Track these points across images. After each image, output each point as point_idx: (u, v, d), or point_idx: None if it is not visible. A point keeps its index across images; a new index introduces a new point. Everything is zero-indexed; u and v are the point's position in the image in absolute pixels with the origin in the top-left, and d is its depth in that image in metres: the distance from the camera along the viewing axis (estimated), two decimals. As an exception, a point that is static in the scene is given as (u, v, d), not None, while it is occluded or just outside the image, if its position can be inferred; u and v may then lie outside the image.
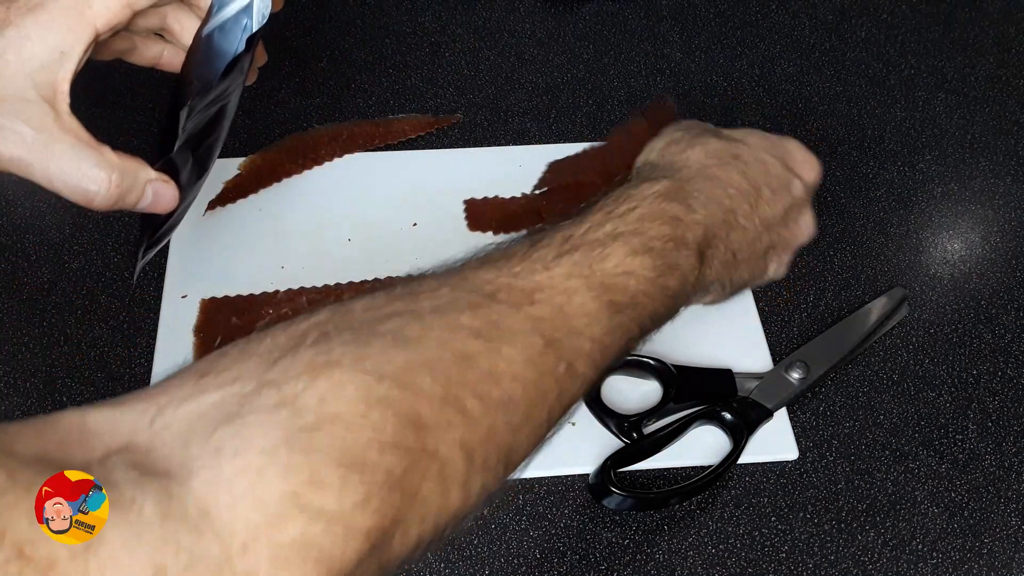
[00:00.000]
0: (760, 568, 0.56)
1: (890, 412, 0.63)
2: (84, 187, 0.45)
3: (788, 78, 0.83)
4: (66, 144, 0.44)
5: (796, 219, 0.56)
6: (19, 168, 0.44)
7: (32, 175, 0.44)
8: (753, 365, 0.64)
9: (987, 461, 0.61)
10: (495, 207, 0.71)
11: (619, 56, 0.84)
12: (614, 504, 0.57)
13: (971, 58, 0.86)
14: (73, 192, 0.45)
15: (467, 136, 0.77)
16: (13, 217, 0.70)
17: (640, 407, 0.61)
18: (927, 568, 0.56)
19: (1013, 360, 0.66)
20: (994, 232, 0.73)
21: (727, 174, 0.51)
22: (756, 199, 0.52)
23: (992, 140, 0.79)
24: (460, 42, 0.84)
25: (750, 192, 0.51)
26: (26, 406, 0.60)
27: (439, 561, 0.55)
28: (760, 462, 0.60)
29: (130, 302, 0.66)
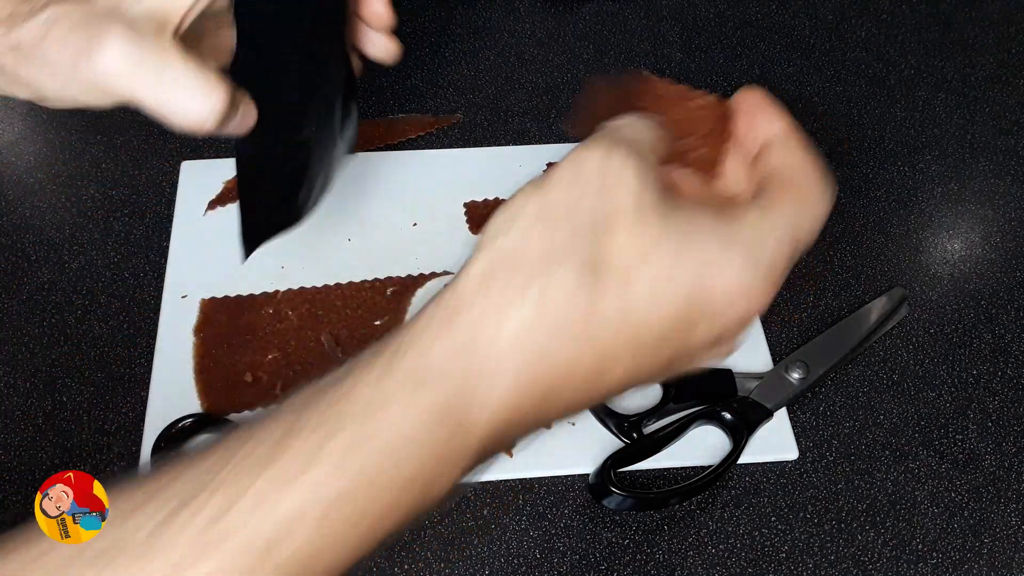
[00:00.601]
0: (760, 568, 0.56)
1: (890, 412, 0.63)
2: (198, 108, 0.41)
3: (788, 78, 0.83)
4: (178, 63, 0.41)
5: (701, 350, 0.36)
6: (127, 86, 0.41)
7: (140, 95, 0.41)
8: (753, 365, 0.64)
9: (987, 461, 0.61)
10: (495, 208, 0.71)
11: (619, 56, 0.84)
12: (614, 504, 0.57)
13: (971, 58, 0.86)
14: (185, 114, 0.42)
15: (467, 136, 0.77)
16: (13, 217, 0.70)
17: (640, 407, 0.61)
18: (927, 568, 0.56)
19: (1013, 360, 0.66)
20: (994, 232, 0.73)
21: (562, 353, 0.32)
22: (604, 374, 0.33)
23: (992, 140, 0.79)
24: (460, 42, 0.84)
25: (594, 373, 0.33)
26: (26, 406, 0.60)
27: (439, 561, 0.55)
28: (760, 462, 0.60)
29: (130, 302, 0.66)
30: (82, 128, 0.76)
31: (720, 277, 0.33)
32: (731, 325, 0.34)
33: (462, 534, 0.56)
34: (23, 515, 0.55)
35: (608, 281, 0.32)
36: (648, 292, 0.32)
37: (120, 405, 0.61)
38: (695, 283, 0.33)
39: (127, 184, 0.72)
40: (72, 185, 0.72)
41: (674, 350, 0.34)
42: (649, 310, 0.32)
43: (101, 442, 0.59)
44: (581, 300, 0.32)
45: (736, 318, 0.34)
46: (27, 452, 0.58)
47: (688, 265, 0.32)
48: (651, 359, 0.33)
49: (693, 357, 0.35)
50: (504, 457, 0.59)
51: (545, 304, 0.32)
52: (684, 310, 0.33)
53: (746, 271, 0.33)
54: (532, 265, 0.32)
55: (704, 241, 0.33)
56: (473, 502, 0.58)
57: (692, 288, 0.33)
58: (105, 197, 0.71)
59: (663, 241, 0.32)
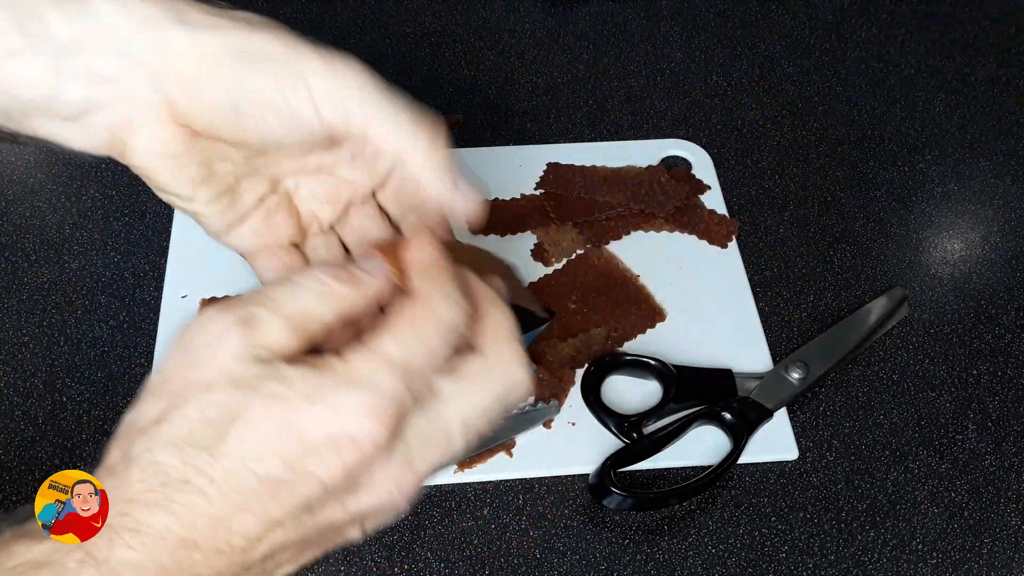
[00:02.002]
0: (760, 568, 0.56)
1: (890, 412, 0.63)
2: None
3: (788, 78, 0.83)
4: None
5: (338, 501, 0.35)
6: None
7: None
8: (753, 365, 0.64)
9: (987, 461, 0.61)
10: (495, 209, 0.71)
11: (619, 56, 0.84)
12: (614, 504, 0.57)
13: (971, 58, 0.86)
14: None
15: (467, 136, 0.77)
16: (13, 217, 0.70)
17: (640, 407, 0.61)
18: (927, 568, 0.56)
19: (1013, 360, 0.66)
20: (994, 232, 0.73)
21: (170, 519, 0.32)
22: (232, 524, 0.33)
23: (992, 140, 0.79)
24: (460, 42, 0.84)
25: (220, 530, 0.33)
26: (26, 406, 0.60)
27: (439, 561, 0.55)
28: (760, 462, 0.60)
29: (130, 302, 0.66)
30: (82, 128, 0.76)
31: (310, 424, 0.33)
32: (349, 470, 0.33)
33: (462, 534, 0.56)
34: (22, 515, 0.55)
35: (201, 442, 0.33)
36: (239, 446, 0.33)
37: (120, 405, 0.61)
38: (283, 432, 0.33)
39: (127, 184, 0.72)
40: (72, 185, 0.72)
41: (297, 498, 0.33)
42: (244, 459, 0.32)
43: (101, 442, 0.59)
44: (175, 464, 0.33)
45: (351, 461, 0.33)
46: (27, 452, 0.58)
47: (273, 421, 0.33)
48: (270, 504, 0.33)
49: (334, 504, 0.34)
50: (504, 457, 0.59)
51: (144, 473, 0.33)
52: (279, 455, 0.33)
53: (336, 413, 0.33)
54: (131, 435, 0.35)
55: (293, 396, 0.33)
56: (473, 502, 0.58)
57: (281, 438, 0.33)
58: (105, 197, 0.71)
59: (251, 403, 0.33)
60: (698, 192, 0.73)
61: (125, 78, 0.37)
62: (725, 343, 0.65)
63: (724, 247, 0.70)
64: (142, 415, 0.35)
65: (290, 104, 0.37)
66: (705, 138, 0.78)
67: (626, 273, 0.68)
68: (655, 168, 0.74)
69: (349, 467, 0.33)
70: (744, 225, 0.72)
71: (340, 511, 0.34)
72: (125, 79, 0.37)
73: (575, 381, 0.62)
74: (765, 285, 0.69)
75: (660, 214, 0.71)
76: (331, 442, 0.33)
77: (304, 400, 0.33)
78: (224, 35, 0.37)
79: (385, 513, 0.36)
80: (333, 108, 0.38)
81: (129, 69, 0.37)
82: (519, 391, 0.37)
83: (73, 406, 0.61)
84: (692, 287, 0.67)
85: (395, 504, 0.35)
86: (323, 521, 0.34)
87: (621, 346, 0.64)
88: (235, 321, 0.34)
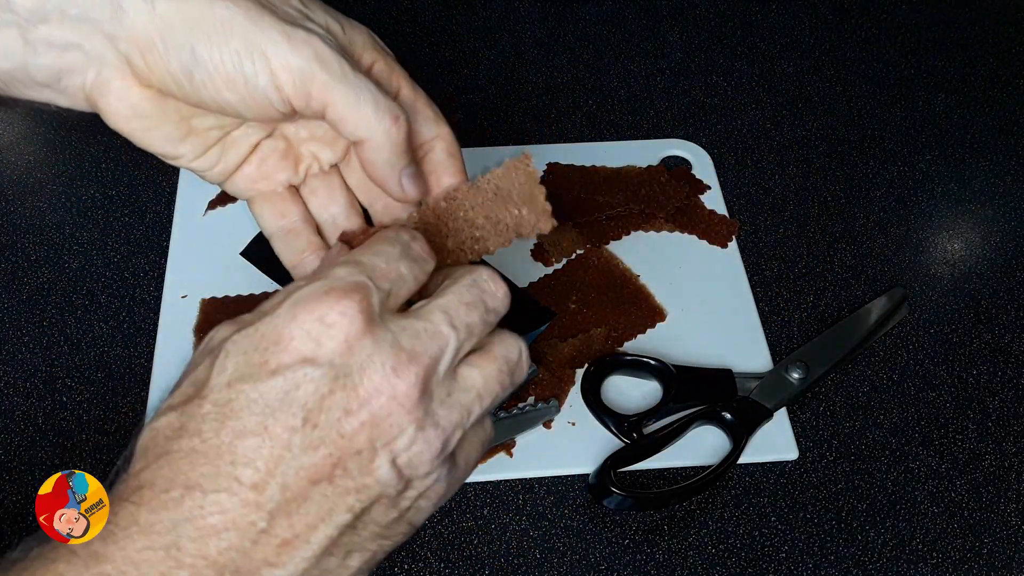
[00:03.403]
0: (760, 568, 0.56)
1: (890, 412, 0.63)
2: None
3: (788, 78, 0.83)
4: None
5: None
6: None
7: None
8: (753, 365, 0.64)
9: (987, 461, 0.61)
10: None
11: (619, 56, 0.84)
12: (614, 504, 0.57)
13: (971, 58, 0.86)
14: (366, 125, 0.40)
15: (467, 136, 0.77)
16: (13, 217, 0.70)
17: (640, 407, 0.61)
18: (927, 568, 0.56)
19: (1013, 360, 0.66)
20: (994, 232, 0.73)
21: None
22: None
23: (992, 140, 0.79)
24: (460, 42, 0.84)
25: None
26: (26, 406, 0.60)
27: (439, 561, 0.55)
28: (760, 462, 0.60)
29: (130, 302, 0.66)
30: (82, 128, 0.76)
31: (276, 325, 0.33)
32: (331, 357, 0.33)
33: (462, 534, 0.56)
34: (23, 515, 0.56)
35: (191, 396, 0.34)
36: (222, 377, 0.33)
37: (120, 405, 0.61)
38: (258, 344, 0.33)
39: (127, 184, 0.72)
40: (72, 185, 0.72)
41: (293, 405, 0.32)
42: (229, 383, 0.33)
43: (101, 442, 0.59)
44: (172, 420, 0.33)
45: (328, 343, 0.33)
46: (27, 452, 0.58)
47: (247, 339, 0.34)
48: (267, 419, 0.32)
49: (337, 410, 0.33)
50: (504, 457, 0.59)
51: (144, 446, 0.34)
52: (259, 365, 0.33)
53: (297, 305, 0.34)
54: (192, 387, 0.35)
55: (256, 317, 0.34)
56: (473, 502, 0.58)
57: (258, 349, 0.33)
58: (105, 197, 0.71)
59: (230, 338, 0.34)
60: (698, 192, 0.73)
61: (88, 43, 0.37)
62: (725, 343, 0.65)
63: (724, 247, 0.70)
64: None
65: (247, 78, 0.37)
66: (705, 138, 0.78)
67: (626, 273, 0.68)
68: (655, 168, 0.74)
69: (332, 352, 0.33)
70: (744, 225, 0.72)
71: (348, 420, 0.33)
72: (88, 44, 0.38)
73: (575, 381, 0.62)
74: (765, 285, 0.69)
75: (660, 214, 0.71)
76: (305, 333, 0.33)
77: (270, 310, 0.34)
78: (182, 4, 0.37)
79: (403, 423, 0.33)
80: (292, 86, 0.37)
81: (90, 35, 0.37)
82: (486, 281, 0.38)
83: (73, 406, 0.61)
84: (692, 287, 0.67)
85: (399, 396, 0.33)
86: (334, 436, 0.32)
87: (621, 346, 0.64)
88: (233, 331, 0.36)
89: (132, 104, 0.39)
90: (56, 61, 0.38)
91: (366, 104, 0.38)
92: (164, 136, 0.40)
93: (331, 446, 0.32)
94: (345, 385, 0.33)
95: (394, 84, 0.42)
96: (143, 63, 0.37)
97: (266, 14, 0.37)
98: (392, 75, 0.42)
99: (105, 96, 0.39)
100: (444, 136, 0.44)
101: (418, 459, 0.34)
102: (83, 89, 0.39)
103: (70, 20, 0.37)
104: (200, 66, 0.37)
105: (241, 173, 0.43)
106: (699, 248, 0.70)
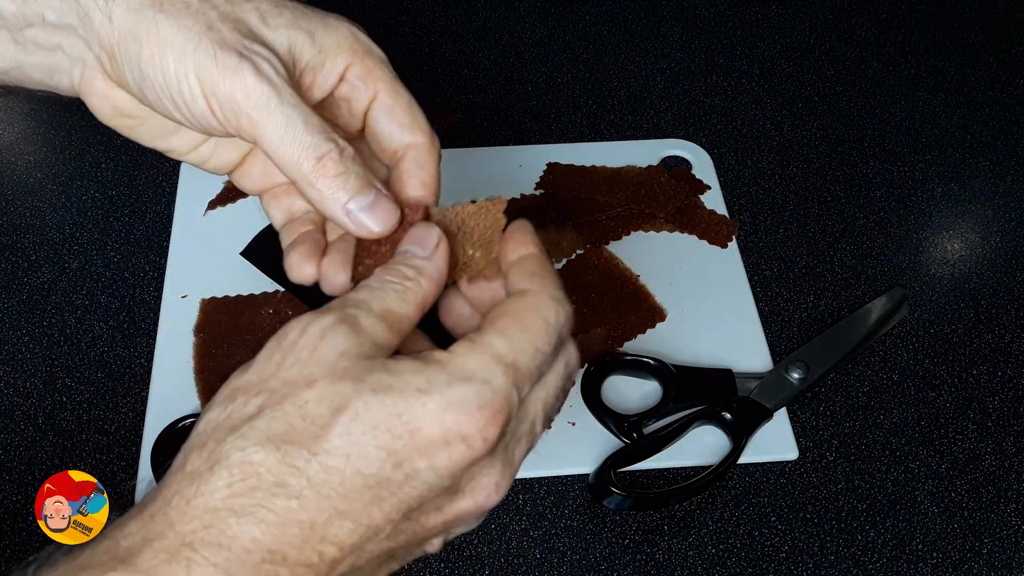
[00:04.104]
0: (760, 568, 0.56)
1: (890, 412, 0.63)
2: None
3: (788, 78, 0.83)
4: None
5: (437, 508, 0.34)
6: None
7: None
8: (753, 365, 0.64)
9: (987, 461, 0.61)
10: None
11: (619, 56, 0.84)
12: (614, 504, 0.57)
13: (971, 58, 0.86)
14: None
15: (467, 136, 0.77)
16: (13, 217, 0.70)
17: (640, 407, 0.61)
18: (927, 568, 0.56)
19: (1013, 360, 0.66)
20: (994, 232, 0.73)
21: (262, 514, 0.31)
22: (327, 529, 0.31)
23: (992, 140, 0.79)
24: (460, 42, 0.84)
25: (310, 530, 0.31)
26: (26, 406, 0.60)
27: (439, 561, 0.55)
28: (760, 462, 0.60)
29: (130, 302, 0.66)
30: (82, 128, 0.76)
31: (422, 418, 0.31)
32: (456, 470, 0.32)
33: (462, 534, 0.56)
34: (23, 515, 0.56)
35: (300, 439, 0.31)
36: (343, 441, 0.31)
37: (120, 405, 0.61)
38: (393, 425, 0.31)
39: (127, 184, 0.72)
40: (72, 185, 0.72)
41: (400, 501, 0.31)
42: (348, 455, 0.31)
43: (101, 442, 0.59)
44: (271, 463, 0.30)
45: (460, 460, 0.32)
46: (27, 452, 0.58)
47: (382, 411, 0.31)
48: (373, 508, 0.31)
49: (433, 510, 0.33)
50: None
51: (232, 476, 0.30)
52: (387, 451, 0.31)
53: (449, 408, 0.31)
54: (220, 435, 0.31)
55: (403, 387, 0.32)
56: (473, 502, 0.58)
57: (391, 432, 0.31)
58: (105, 197, 0.71)
59: (359, 392, 0.31)
60: (698, 192, 0.73)
61: (67, 45, 0.38)
62: (725, 343, 0.65)
63: (724, 247, 0.70)
64: (233, 414, 0.32)
65: (186, 100, 0.37)
66: (705, 138, 0.78)
67: (626, 273, 0.68)
68: (655, 168, 0.74)
69: (458, 467, 0.32)
70: (744, 225, 0.72)
71: (436, 517, 0.33)
72: (68, 46, 0.38)
73: (575, 381, 0.62)
74: (765, 285, 0.69)
75: (660, 214, 0.71)
76: (443, 439, 0.31)
77: (416, 391, 0.31)
78: (135, 16, 0.36)
79: (474, 520, 0.34)
80: (222, 113, 0.37)
81: (68, 37, 0.38)
82: (575, 366, 0.37)
83: (73, 406, 0.61)
84: (692, 287, 0.67)
85: (489, 505, 0.33)
86: (417, 528, 0.33)
87: (621, 346, 0.64)
88: (337, 320, 0.33)
89: (114, 104, 0.39)
90: (46, 60, 0.39)
91: (289, 139, 0.36)
92: (151, 132, 0.41)
93: (410, 535, 0.33)
94: (451, 492, 0.33)
95: (369, 88, 0.40)
96: (111, 68, 0.38)
97: (207, 37, 0.36)
98: (368, 78, 0.40)
99: (90, 96, 0.39)
100: (417, 145, 0.42)
101: (465, 530, 0.35)
102: (72, 86, 0.40)
103: (50, 24, 0.38)
104: (147, 82, 0.37)
105: (246, 171, 0.43)
106: (699, 248, 0.70)
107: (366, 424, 0.31)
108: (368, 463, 0.31)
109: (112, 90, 0.39)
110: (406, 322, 0.35)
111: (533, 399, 0.35)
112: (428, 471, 0.31)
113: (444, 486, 0.32)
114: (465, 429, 0.31)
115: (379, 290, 0.35)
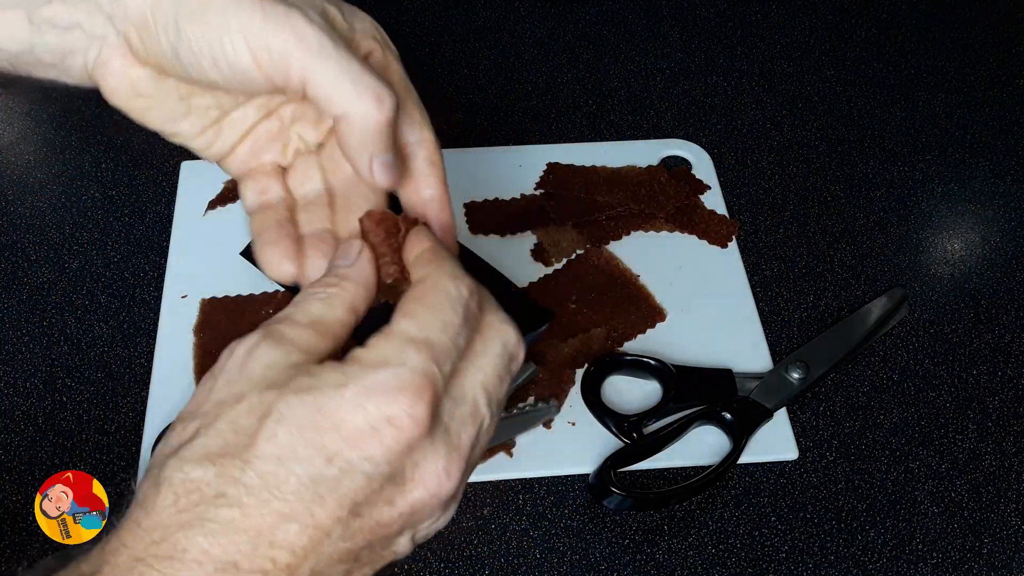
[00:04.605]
0: (760, 568, 0.56)
1: (890, 412, 0.63)
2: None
3: (788, 78, 0.83)
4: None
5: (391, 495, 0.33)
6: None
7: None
8: (753, 365, 0.64)
9: (987, 461, 0.61)
10: (496, 209, 0.71)
11: (619, 56, 0.84)
12: (614, 504, 0.57)
13: (971, 58, 0.86)
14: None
15: (467, 136, 0.77)
16: (13, 217, 0.70)
17: (640, 407, 0.61)
18: (927, 568, 0.56)
19: (1013, 360, 0.66)
20: (994, 232, 0.73)
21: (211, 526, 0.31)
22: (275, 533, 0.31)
23: (992, 140, 0.79)
24: (460, 42, 0.84)
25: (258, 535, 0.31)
26: (26, 406, 0.60)
27: (439, 561, 0.55)
28: (760, 462, 0.60)
29: (130, 302, 0.66)
30: (82, 128, 0.76)
31: (344, 409, 0.32)
32: (393, 457, 0.32)
33: (462, 534, 0.56)
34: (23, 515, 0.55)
35: (234, 451, 0.32)
36: (272, 444, 0.31)
37: (120, 405, 0.61)
38: (317, 421, 0.32)
39: (127, 184, 0.72)
40: (72, 185, 0.72)
41: (342, 496, 0.32)
42: (280, 457, 0.31)
43: (101, 442, 0.59)
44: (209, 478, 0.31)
45: (393, 444, 0.32)
46: (27, 452, 0.58)
47: (304, 409, 0.32)
48: (315, 507, 0.32)
49: (383, 504, 0.33)
50: (504, 457, 0.59)
51: (176, 494, 0.31)
52: (316, 448, 0.32)
53: (369, 395, 0.32)
54: (161, 461, 0.33)
55: (322, 385, 0.32)
56: (473, 502, 0.58)
57: (316, 428, 0.32)
58: (105, 197, 0.71)
59: (282, 396, 0.32)
60: (698, 192, 0.73)
61: (88, 23, 0.38)
62: (725, 343, 0.65)
63: (724, 247, 0.70)
64: (172, 441, 0.33)
65: (227, 56, 0.37)
66: (705, 138, 0.78)
67: (626, 273, 0.68)
68: (655, 168, 0.74)
69: (393, 453, 0.32)
70: (744, 225, 0.72)
71: (389, 511, 0.33)
72: (89, 24, 0.38)
73: (575, 381, 0.62)
74: (765, 285, 0.69)
75: (660, 214, 0.71)
76: (370, 427, 0.32)
77: (334, 386, 0.32)
78: None
79: (434, 511, 0.34)
80: (271, 64, 0.37)
81: (90, 14, 0.38)
82: (515, 347, 0.37)
83: (73, 406, 0.61)
84: (692, 287, 0.67)
85: (443, 493, 0.33)
86: (372, 525, 0.33)
87: (621, 346, 0.64)
88: (261, 337, 0.34)
89: (131, 83, 0.39)
90: (60, 41, 0.38)
91: (345, 79, 0.37)
92: (163, 114, 0.41)
93: (368, 534, 0.33)
94: (395, 481, 0.33)
95: (385, 79, 0.41)
96: (139, 41, 0.38)
97: None
98: (387, 69, 0.41)
99: (106, 76, 0.39)
100: (426, 143, 0.43)
101: (434, 531, 0.35)
102: (85, 68, 0.39)
103: (71, 0, 0.38)
104: (184, 44, 0.37)
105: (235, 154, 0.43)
106: (699, 248, 0.70)
107: (292, 425, 0.32)
108: (300, 463, 0.31)
109: (131, 68, 0.39)
110: (338, 326, 0.36)
111: (470, 381, 0.35)
112: (363, 462, 0.32)
113: (384, 475, 0.32)
114: (389, 411, 0.32)
115: (303, 302, 0.36)
